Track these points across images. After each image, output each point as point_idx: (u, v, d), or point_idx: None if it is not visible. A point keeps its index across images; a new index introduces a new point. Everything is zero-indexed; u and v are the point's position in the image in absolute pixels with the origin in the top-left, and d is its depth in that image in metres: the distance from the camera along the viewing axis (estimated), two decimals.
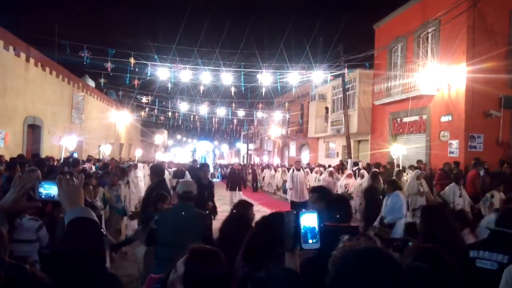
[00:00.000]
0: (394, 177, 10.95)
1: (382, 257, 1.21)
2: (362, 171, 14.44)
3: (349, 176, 14.15)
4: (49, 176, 6.72)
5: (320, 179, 15.07)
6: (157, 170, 6.56)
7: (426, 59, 15.56)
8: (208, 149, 44.00)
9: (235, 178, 17.80)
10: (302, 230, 1.62)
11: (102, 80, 20.36)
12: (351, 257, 1.22)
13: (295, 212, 1.68)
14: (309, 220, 1.64)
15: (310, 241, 1.62)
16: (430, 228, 3.19)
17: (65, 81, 19.98)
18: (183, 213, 4.20)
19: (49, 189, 1.84)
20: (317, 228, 1.63)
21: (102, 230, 1.73)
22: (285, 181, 19.81)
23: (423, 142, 15.82)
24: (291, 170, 14.54)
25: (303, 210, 1.68)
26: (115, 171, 9.43)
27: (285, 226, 1.68)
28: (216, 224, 4.06)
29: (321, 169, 16.88)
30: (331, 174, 14.78)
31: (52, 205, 5.09)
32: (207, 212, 5.60)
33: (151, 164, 10.70)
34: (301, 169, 14.28)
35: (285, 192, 19.90)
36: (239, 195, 16.54)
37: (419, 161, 14.10)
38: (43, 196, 1.84)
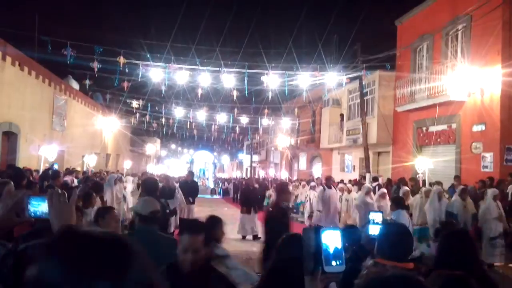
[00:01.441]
0: (422, 196, 10.89)
1: (411, 285, 1.19)
2: (382, 188, 14.35)
3: (382, 196, 12.17)
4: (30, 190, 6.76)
5: (350, 198, 14.29)
6: (148, 186, 6.48)
7: (456, 60, 15.55)
8: (207, 160, 44.14)
9: (250, 196, 15.46)
10: (324, 250, 1.60)
11: (87, 82, 20.50)
12: (377, 286, 1.20)
13: (315, 228, 1.66)
14: (332, 238, 1.62)
15: (334, 262, 1.60)
16: (448, 253, 3.19)
17: (46, 83, 20.13)
18: (146, 240, 3.98)
19: (38, 206, 1.85)
20: (341, 247, 1.62)
21: None
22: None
23: (452, 155, 15.74)
24: (320, 188, 13.34)
25: (324, 227, 1.67)
26: (89, 188, 9.06)
27: (304, 245, 1.67)
28: None
29: (349, 185, 15.87)
30: (368, 193, 12.37)
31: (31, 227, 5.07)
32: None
33: (143, 178, 10.66)
34: (333, 187, 13.30)
35: (296, 211, 19.85)
36: (255, 220, 14.33)
37: (456, 177, 13.89)
38: (33, 214, 1.86)
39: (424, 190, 11.42)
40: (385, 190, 12.84)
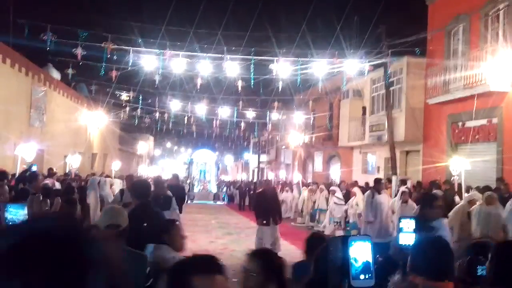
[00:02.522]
0: (462, 206, 10.82)
1: None
2: (355, 188, 14.51)
3: (403, 199, 12.92)
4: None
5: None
6: (139, 189, 6.48)
7: (497, 44, 15.46)
8: (208, 160, 44.07)
9: (269, 204, 13.30)
10: (352, 263, 1.65)
11: (70, 71, 20.62)
12: None
13: (342, 239, 1.73)
14: (361, 250, 1.68)
15: (362, 276, 1.65)
16: (504, 270, 3.16)
17: (23, 72, 20.26)
18: None
19: (16, 214, 1.89)
20: (371, 260, 1.68)
21: None
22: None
23: (493, 154, 15.67)
24: (367, 193, 12.87)
25: (353, 236, 1.72)
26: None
27: (330, 256, 1.74)
28: None
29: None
30: (405, 199, 12.75)
31: None
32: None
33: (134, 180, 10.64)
34: (384, 192, 12.96)
35: (312, 219, 19.81)
36: (276, 234, 13.17)
37: (499, 180, 13.68)
38: (11, 222, 1.89)
39: (466, 198, 11.26)
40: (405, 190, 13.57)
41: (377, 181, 13.20)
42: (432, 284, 2.87)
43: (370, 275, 1.66)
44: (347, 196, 17.24)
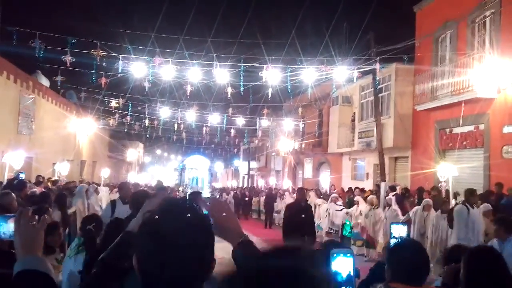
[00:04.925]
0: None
1: None
2: (388, 197, 14.37)
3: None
4: None
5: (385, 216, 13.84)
6: (138, 199, 6.32)
7: (483, 51, 15.59)
8: (201, 167, 43.55)
9: (300, 219, 10.67)
10: (334, 276, 1.68)
11: (59, 78, 20.52)
12: None
13: (326, 253, 1.74)
14: (343, 264, 1.73)
15: None
16: (476, 276, 3.21)
17: (11, 79, 20.16)
18: None
19: (0, 227, 1.90)
20: (352, 273, 1.72)
21: None
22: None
23: (480, 160, 15.77)
24: (460, 208, 10.08)
25: (335, 250, 1.76)
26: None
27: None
28: None
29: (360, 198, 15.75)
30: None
31: None
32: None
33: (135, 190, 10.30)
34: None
35: None
36: None
37: (498, 185, 13.60)
38: None
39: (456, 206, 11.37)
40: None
41: (471, 192, 10.31)
42: None
43: (351, 287, 1.71)
44: (350, 205, 16.75)
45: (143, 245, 1.49)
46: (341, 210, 16.08)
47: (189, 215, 1.54)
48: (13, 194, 6.52)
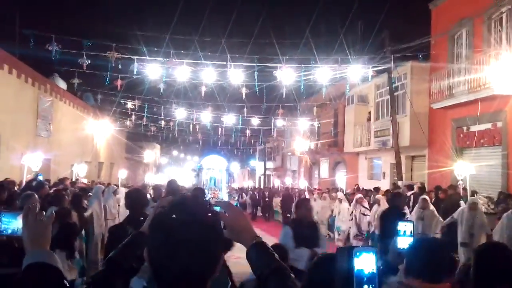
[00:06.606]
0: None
1: None
2: (378, 196, 14.06)
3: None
4: (10, 206, 6.89)
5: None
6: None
7: (500, 48, 15.45)
8: (219, 166, 43.50)
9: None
10: (357, 273, 1.71)
11: (75, 81, 20.74)
12: None
13: (349, 249, 1.77)
14: (365, 261, 1.73)
15: (366, 287, 1.70)
16: (486, 273, 3.17)
17: (29, 83, 20.42)
18: None
19: (9, 223, 1.93)
20: (375, 271, 1.73)
21: (66, 283, 1.81)
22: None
23: (498, 158, 15.61)
24: None
25: (359, 247, 1.77)
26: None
27: (337, 266, 1.79)
28: None
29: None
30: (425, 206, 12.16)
31: None
32: None
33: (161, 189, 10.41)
34: None
35: (331, 229, 18.76)
36: None
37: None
38: (4, 232, 1.94)
39: (470, 202, 11.29)
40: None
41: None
42: (428, 286, 2.89)
43: (374, 285, 1.71)
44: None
45: (153, 238, 1.58)
46: (366, 215, 15.06)
47: (198, 209, 1.62)
48: (36, 195, 6.63)
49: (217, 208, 1.81)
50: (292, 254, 5.60)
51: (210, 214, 1.64)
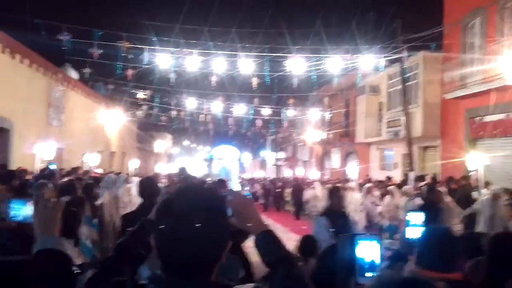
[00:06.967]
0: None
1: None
2: (391, 187, 13.96)
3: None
4: (22, 194, 6.98)
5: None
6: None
7: None
8: (231, 156, 43.53)
9: None
10: (359, 260, 1.74)
11: (87, 71, 20.84)
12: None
13: (351, 237, 1.81)
14: (367, 248, 1.77)
15: (368, 274, 1.73)
16: (501, 262, 3.14)
17: (41, 72, 20.51)
18: None
19: (19, 210, 1.97)
20: (377, 258, 1.77)
21: (76, 269, 1.84)
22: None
23: (511, 149, 15.52)
24: None
25: (360, 235, 1.82)
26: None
27: (340, 253, 1.84)
28: None
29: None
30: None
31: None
32: None
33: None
34: None
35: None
36: None
37: None
38: (16, 219, 1.98)
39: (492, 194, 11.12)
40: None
41: None
42: (440, 275, 2.87)
43: (375, 272, 1.73)
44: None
45: (159, 223, 1.60)
46: (377, 205, 14.74)
47: (204, 195, 1.64)
48: (50, 184, 6.68)
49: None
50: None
51: (215, 199, 1.67)
